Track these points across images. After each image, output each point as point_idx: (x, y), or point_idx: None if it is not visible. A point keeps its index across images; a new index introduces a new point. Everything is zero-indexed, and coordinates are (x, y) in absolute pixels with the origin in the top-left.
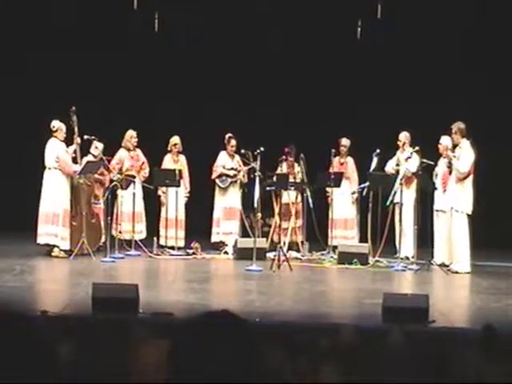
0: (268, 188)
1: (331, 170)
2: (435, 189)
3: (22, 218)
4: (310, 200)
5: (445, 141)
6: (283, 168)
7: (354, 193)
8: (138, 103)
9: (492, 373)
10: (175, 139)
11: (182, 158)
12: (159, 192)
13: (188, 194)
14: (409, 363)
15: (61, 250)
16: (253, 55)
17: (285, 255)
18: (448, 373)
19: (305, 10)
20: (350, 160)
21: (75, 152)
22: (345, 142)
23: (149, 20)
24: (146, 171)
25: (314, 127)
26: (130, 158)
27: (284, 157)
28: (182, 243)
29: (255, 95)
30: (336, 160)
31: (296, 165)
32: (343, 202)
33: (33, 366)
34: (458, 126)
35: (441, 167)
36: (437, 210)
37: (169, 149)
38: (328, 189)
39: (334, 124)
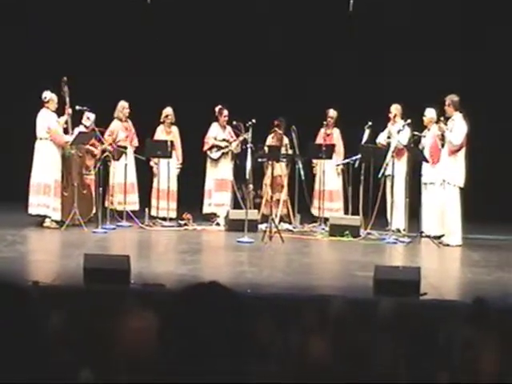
0: (260, 159)
1: (318, 142)
2: (427, 161)
3: (13, 188)
4: (302, 172)
5: (429, 113)
6: (270, 140)
7: (338, 165)
8: (131, 74)
9: (482, 345)
10: (168, 110)
11: (175, 129)
12: (151, 163)
13: (180, 166)
14: (399, 335)
15: (52, 220)
16: (243, 28)
17: (276, 227)
18: (438, 345)
19: None
20: (336, 131)
21: (67, 122)
22: (332, 113)
23: None
24: (135, 141)
25: (305, 99)
26: (124, 128)
27: (274, 129)
28: (173, 214)
29: (247, 67)
30: (322, 131)
31: (285, 138)
32: (328, 174)
33: (23, 336)
34: (452, 98)
35: (427, 140)
36: (425, 183)
37: (161, 120)
38: (314, 160)
39: (324, 96)
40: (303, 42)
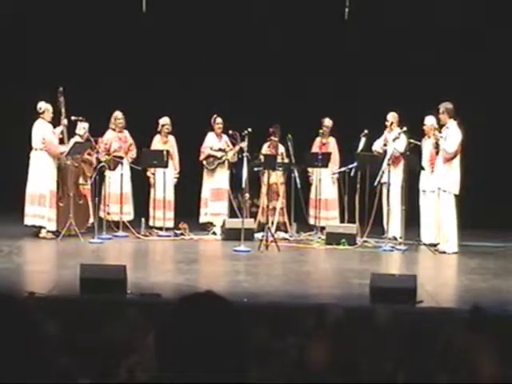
0: (256, 168)
1: (313, 150)
2: (423, 169)
3: (8, 199)
4: (298, 180)
5: (429, 121)
6: (265, 148)
7: (334, 174)
8: (127, 83)
9: (480, 352)
10: (164, 120)
11: (172, 138)
12: (148, 173)
13: (177, 175)
14: (395, 343)
15: (48, 231)
16: (239, 36)
17: (273, 236)
18: (435, 352)
19: None
20: (331, 140)
21: (62, 133)
22: (327, 122)
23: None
24: (133, 152)
25: (301, 107)
26: (118, 139)
27: (270, 137)
28: (170, 224)
29: (243, 76)
30: (318, 140)
31: (281, 146)
32: (324, 183)
33: (20, 348)
34: (446, 106)
35: (426, 147)
36: (423, 191)
37: (158, 130)
38: (310, 169)
39: (320, 104)
40: (299, 50)
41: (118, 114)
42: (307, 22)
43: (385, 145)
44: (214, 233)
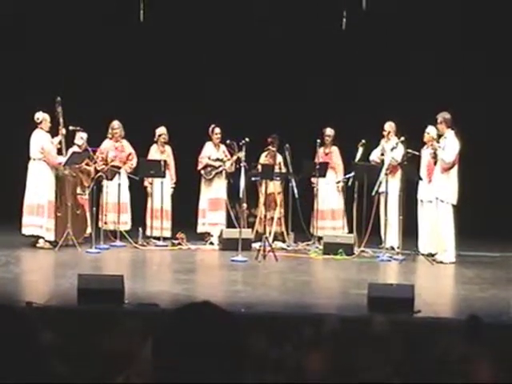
0: (253, 178)
1: (316, 160)
2: (420, 179)
3: (6, 209)
4: (296, 190)
5: (432, 131)
6: (263, 158)
7: (338, 182)
8: (125, 93)
9: (477, 361)
10: (161, 130)
11: (168, 148)
12: (146, 183)
13: (174, 185)
14: (393, 352)
15: (46, 241)
16: (237, 47)
17: (270, 245)
18: (432, 361)
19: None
20: (334, 150)
21: (60, 143)
22: (329, 131)
23: (134, 10)
24: (132, 162)
25: (299, 117)
26: (114, 148)
27: (268, 147)
28: (168, 234)
29: (241, 86)
30: (321, 150)
31: (278, 155)
32: (330, 193)
33: (18, 358)
34: (444, 116)
35: (425, 157)
36: (421, 200)
37: (155, 139)
38: (313, 179)
39: (319, 114)
40: (297, 60)
41: (114, 123)
42: (307, 35)
43: (382, 154)
44: (212, 243)
